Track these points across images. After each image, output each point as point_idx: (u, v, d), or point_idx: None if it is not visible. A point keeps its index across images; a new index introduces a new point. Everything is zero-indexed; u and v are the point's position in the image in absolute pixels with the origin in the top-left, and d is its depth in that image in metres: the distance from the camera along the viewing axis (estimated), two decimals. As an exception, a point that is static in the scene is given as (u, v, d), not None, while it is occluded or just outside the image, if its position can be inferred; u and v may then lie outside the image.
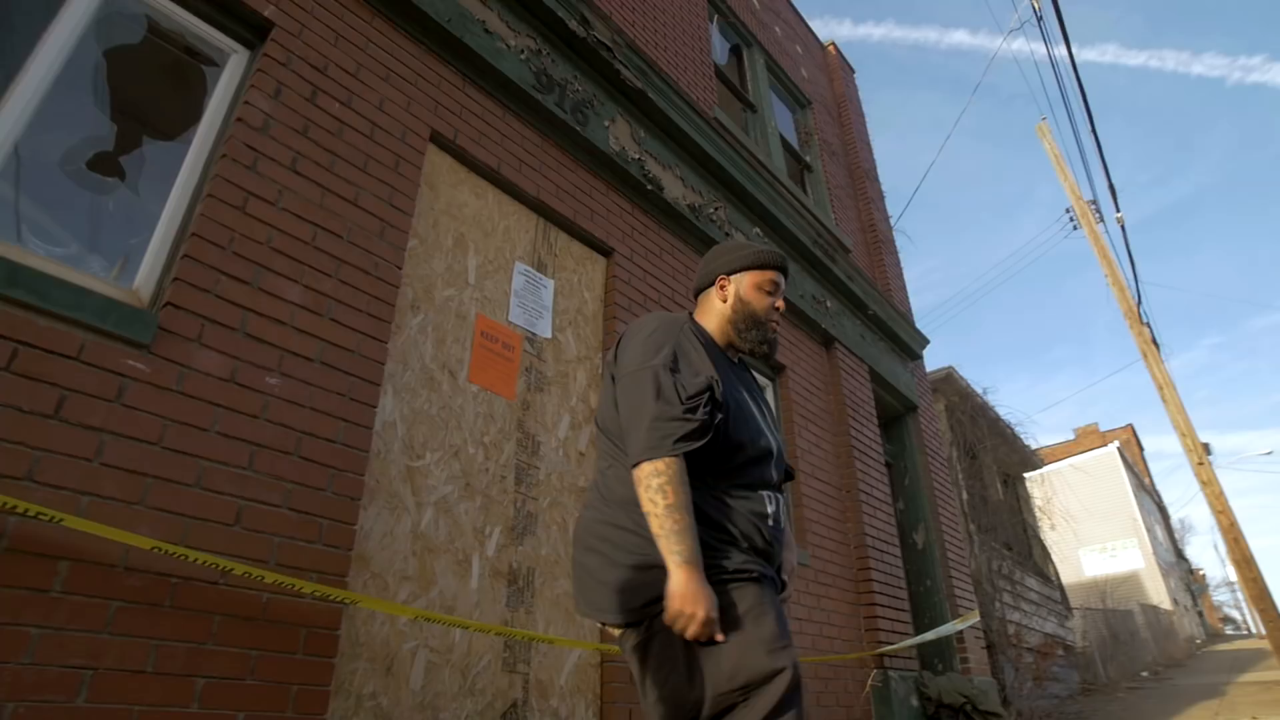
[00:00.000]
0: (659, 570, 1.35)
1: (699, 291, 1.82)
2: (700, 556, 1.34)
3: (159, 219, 2.24)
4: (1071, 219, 12.62)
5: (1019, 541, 11.12)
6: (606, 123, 4.14)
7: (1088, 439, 29.68)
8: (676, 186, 4.59)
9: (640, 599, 1.39)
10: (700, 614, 1.27)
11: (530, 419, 3.21)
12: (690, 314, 1.77)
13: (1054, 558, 12.13)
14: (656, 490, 1.36)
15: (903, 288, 8.06)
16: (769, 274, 1.74)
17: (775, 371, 5.25)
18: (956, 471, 9.31)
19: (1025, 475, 12.72)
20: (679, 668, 1.35)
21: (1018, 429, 11.30)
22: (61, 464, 1.76)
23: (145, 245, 2.19)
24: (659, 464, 1.37)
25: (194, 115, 2.47)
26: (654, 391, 1.44)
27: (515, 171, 3.51)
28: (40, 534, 1.67)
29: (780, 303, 1.76)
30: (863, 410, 5.96)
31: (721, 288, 1.75)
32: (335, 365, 2.41)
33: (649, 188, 4.29)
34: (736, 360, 1.78)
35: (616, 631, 1.46)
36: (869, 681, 4.43)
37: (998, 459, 11.26)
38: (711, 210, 4.86)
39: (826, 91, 8.85)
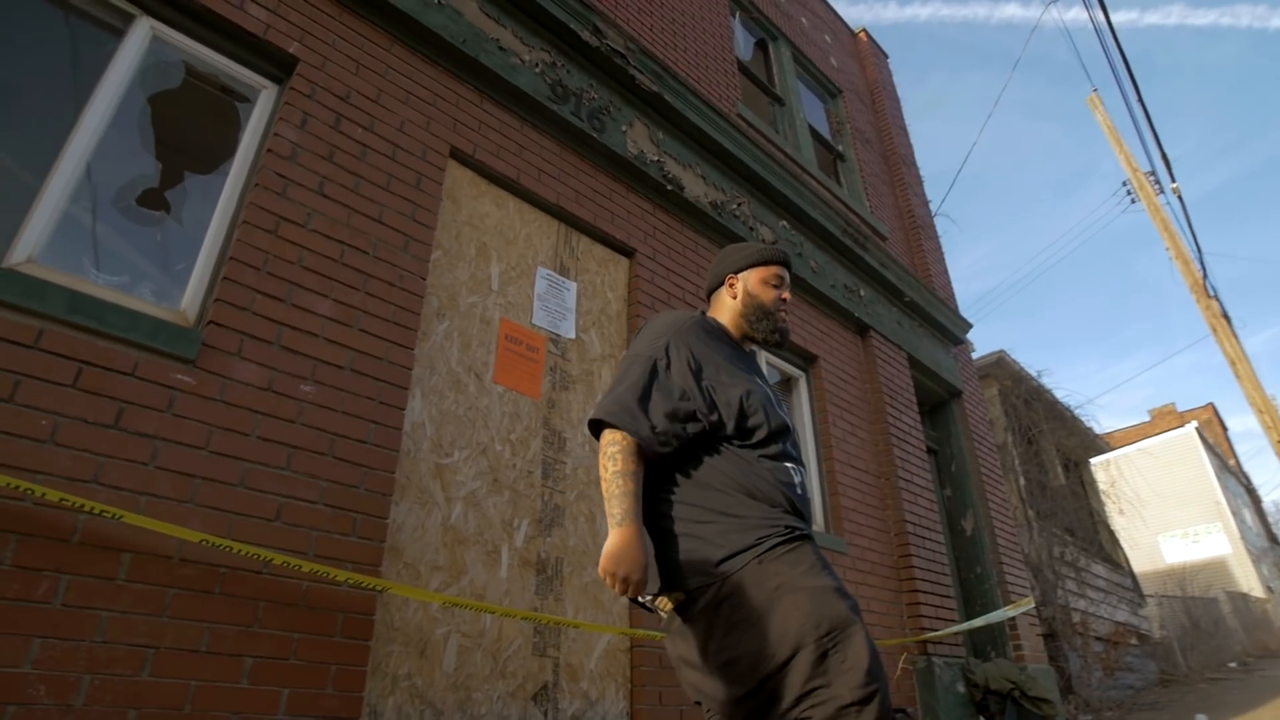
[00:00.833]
0: (702, 541, 1.48)
1: (711, 292, 1.98)
2: (638, 521, 1.45)
3: (201, 245, 2.47)
4: (1129, 192, 12.13)
5: (1084, 528, 10.75)
6: (624, 127, 4.26)
7: (1164, 420, 28.11)
8: (698, 185, 4.67)
9: (695, 569, 1.48)
10: (621, 573, 1.39)
11: (556, 416, 3.35)
12: (703, 311, 1.94)
13: (1123, 544, 11.66)
14: (609, 457, 1.52)
15: (944, 273, 7.92)
16: (773, 269, 1.90)
17: (807, 361, 5.27)
18: (1012, 457, 9.08)
19: (1091, 460, 12.27)
20: (751, 628, 1.39)
21: (1078, 412, 10.92)
22: (122, 468, 1.99)
23: (190, 270, 2.42)
24: (617, 434, 1.53)
25: (229, 148, 2.70)
26: (638, 377, 1.59)
27: (534, 180, 3.67)
28: (105, 530, 1.90)
29: (786, 294, 1.91)
30: (901, 397, 5.92)
31: (730, 286, 1.90)
32: (365, 372, 2.60)
33: (669, 188, 4.39)
34: (748, 350, 1.92)
35: (668, 607, 1.52)
36: (901, 663, 4.43)
37: (1057, 443, 10.91)
38: (734, 206, 4.92)
39: (859, 79, 8.77)
